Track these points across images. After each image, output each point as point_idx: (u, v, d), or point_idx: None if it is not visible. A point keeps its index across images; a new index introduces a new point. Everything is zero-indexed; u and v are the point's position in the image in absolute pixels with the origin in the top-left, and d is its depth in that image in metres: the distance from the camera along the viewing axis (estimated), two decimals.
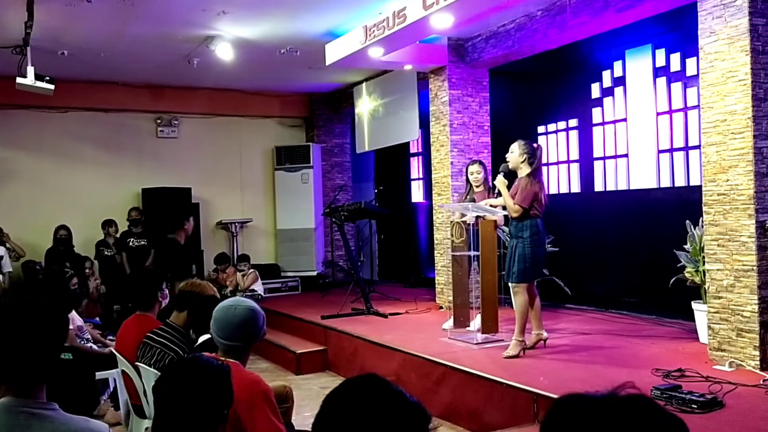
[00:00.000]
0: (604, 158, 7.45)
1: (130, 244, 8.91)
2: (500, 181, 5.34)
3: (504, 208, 5.46)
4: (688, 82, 6.54)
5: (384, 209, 9.10)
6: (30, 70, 6.78)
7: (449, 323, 6.45)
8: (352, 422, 1.19)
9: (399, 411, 1.20)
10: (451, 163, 7.61)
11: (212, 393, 1.82)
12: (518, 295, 5.27)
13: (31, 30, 6.30)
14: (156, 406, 1.82)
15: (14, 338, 1.65)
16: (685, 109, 6.58)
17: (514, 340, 5.23)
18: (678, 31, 6.49)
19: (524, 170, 5.30)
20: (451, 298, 7.09)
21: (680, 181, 6.63)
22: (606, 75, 7.32)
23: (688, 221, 5.57)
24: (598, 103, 7.45)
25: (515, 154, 5.33)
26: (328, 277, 10.65)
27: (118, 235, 8.88)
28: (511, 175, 5.40)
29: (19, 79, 6.80)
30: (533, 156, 5.31)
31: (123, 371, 3.89)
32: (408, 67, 7.86)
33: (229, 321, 2.71)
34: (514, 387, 4.46)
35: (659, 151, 6.83)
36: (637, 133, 7.04)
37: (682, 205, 6.35)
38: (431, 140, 8.02)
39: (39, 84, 6.85)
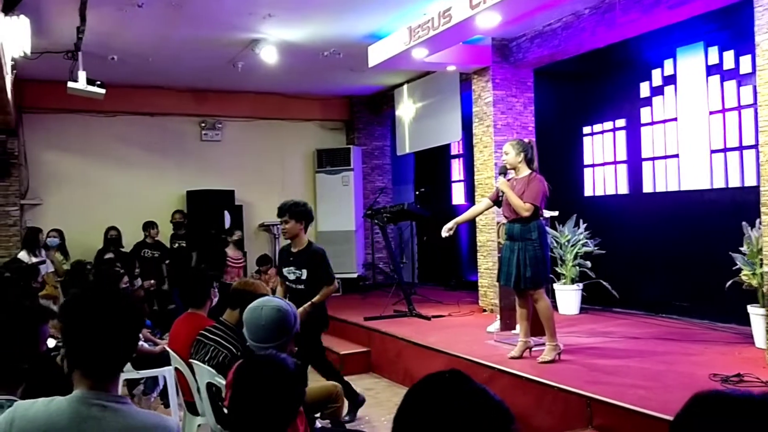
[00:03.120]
0: (653, 159, 7.28)
1: (174, 246, 9.06)
2: (502, 183, 5.11)
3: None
4: (742, 80, 6.37)
5: (426, 211, 9.04)
6: (81, 75, 6.92)
7: (495, 326, 6.38)
8: (434, 417, 1.16)
9: (482, 408, 1.17)
10: (495, 164, 7.51)
11: (291, 389, 1.82)
12: (539, 301, 5.06)
13: (83, 35, 6.45)
14: (233, 403, 1.82)
15: (94, 332, 1.67)
16: (739, 107, 6.40)
17: (547, 345, 5.09)
18: (731, 28, 6.33)
19: (524, 170, 5.07)
20: (495, 301, 7.02)
21: (734, 182, 6.44)
22: (656, 73, 7.16)
23: (744, 222, 5.41)
24: (647, 102, 7.28)
25: (511, 155, 5.09)
26: (368, 279, 10.65)
27: (159, 237, 9.01)
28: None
29: (70, 84, 6.94)
30: (529, 153, 5.09)
31: (176, 368, 3.93)
32: (451, 68, 7.82)
33: (257, 323, 2.66)
34: (566, 390, 4.37)
35: (712, 151, 6.65)
36: (688, 132, 6.87)
37: (736, 206, 6.17)
38: (474, 141, 7.95)
39: (90, 88, 6.98)
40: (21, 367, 1.94)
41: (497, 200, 5.27)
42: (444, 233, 5.37)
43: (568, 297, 7.26)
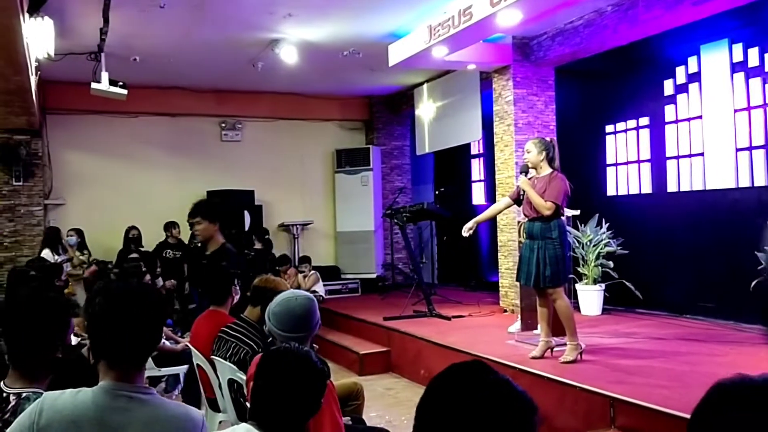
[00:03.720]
0: (677, 157, 7.18)
1: (191, 246, 9.11)
2: (523, 182, 5.05)
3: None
4: (767, 78, 6.26)
5: (446, 211, 9.01)
6: (104, 76, 6.99)
7: (516, 326, 6.33)
8: (457, 406, 1.15)
9: (505, 398, 1.16)
10: (516, 163, 7.47)
11: (314, 382, 1.82)
12: (558, 300, 5.00)
13: (106, 36, 6.52)
14: (256, 393, 1.82)
15: (119, 321, 1.68)
16: (765, 105, 6.31)
17: (569, 344, 5.03)
18: (756, 25, 6.25)
19: (546, 168, 5.02)
20: (516, 301, 6.97)
21: (760, 181, 6.34)
22: (680, 71, 7.07)
23: None
24: (672, 100, 7.19)
25: (533, 153, 5.04)
26: (387, 279, 10.64)
27: (180, 237, 9.06)
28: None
29: (93, 85, 7.02)
30: (551, 151, 5.04)
31: (198, 365, 3.95)
32: (471, 66, 7.79)
33: (291, 313, 2.73)
34: (588, 390, 4.32)
35: (737, 150, 6.55)
36: (713, 130, 6.77)
37: (762, 205, 6.08)
38: (495, 140, 7.91)
39: (113, 89, 7.05)
40: (51, 357, 1.96)
41: (518, 199, 5.23)
42: (464, 233, 5.35)
43: (590, 297, 7.18)
